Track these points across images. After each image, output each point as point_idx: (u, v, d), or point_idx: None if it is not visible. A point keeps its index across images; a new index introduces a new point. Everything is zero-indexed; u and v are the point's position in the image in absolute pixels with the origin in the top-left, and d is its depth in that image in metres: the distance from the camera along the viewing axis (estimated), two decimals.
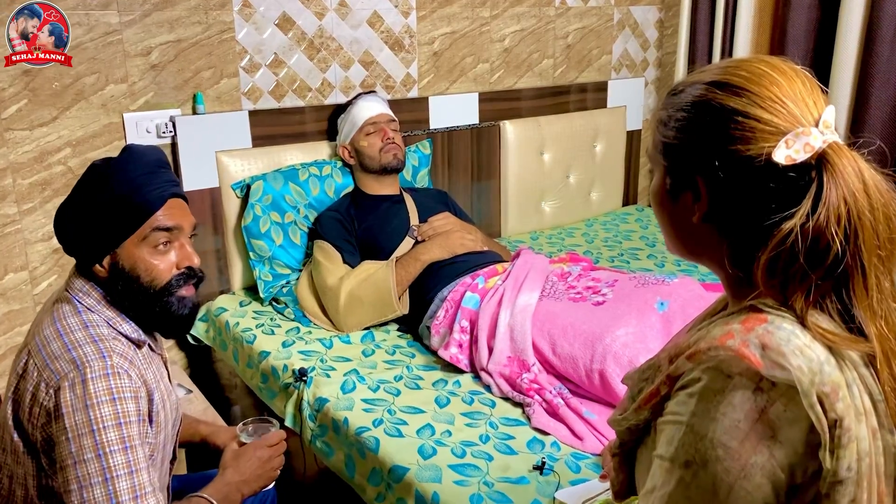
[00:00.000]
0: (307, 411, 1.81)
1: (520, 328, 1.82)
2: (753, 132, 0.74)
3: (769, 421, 0.67)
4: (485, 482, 1.44)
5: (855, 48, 2.63)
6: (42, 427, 1.16)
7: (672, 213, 0.84)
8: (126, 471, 1.13)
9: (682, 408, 0.74)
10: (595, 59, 3.27)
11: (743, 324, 0.72)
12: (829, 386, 0.68)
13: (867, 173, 0.73)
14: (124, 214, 1.24)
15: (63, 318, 1.22)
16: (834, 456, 0.67)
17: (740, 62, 0.79)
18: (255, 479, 1.39)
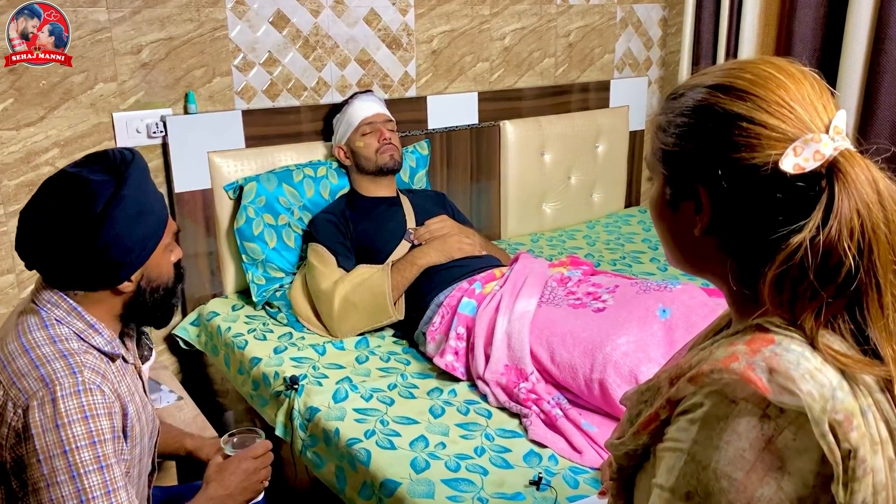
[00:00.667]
0: (298, 420, 1.76)
1: (517, 335, 1.77)
2: (759, 139, 0.69)
3: (777, 451, 0.63)
4: (479, 498, 1.38)
5: (863, 47, 2.58)
6: (11, 448, 1.11)
7: (672, 224, 0.79)
8: (102, 491, 1.09)
9: (683, 434, 0.69)
10: (597, 58, 3.21)
11: (748, 345, 0.67)
12: (843, 413, 0.63)
13: (882, 183, 0.68)
14: (158, 223, 1.23)
15: (28, 332, 1.16)
16: (848, 490, 0.62)
17: (745, 64, 0.74)
18: (240, 493, 1.35)
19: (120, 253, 1.17)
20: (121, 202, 1.15)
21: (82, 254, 1.14)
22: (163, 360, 2.38)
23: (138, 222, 1.18)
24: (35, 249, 1.17)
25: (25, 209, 1.18)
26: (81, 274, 1.17)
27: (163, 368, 2.27)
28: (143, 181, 1.21)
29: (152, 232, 1.22)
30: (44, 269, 1.19)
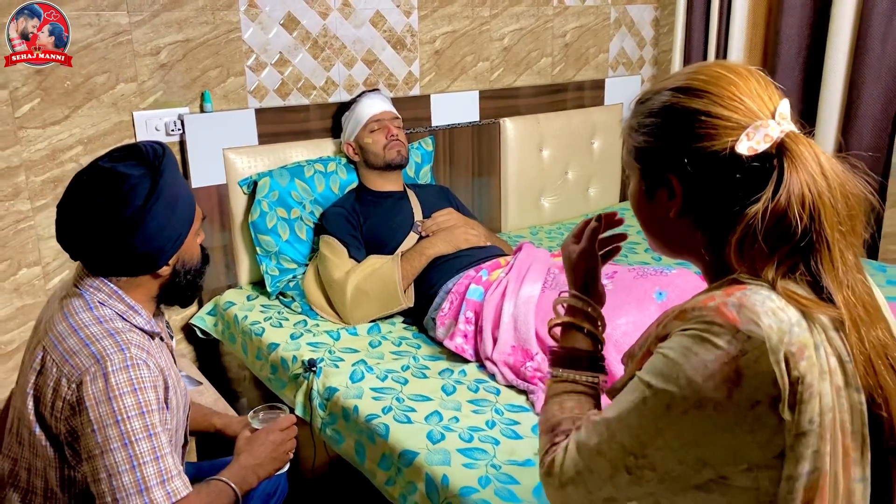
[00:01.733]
0: (317, 400, 1.86)
1: (523, 318, 1.88)
2: (717, 129, 0.81)
3: (738, 367, 0.74)
4: (492, 465, 1.49)
5: (847, 45, 2.69)
6: (66, 420, 1.20)
7: (651, 213, 0.92)
8: (152, 457, 1.18)
9: (669, 343, 0.81)
10: (592, 58, 3.33)
11: (724, 291, 0.80)
12: (797, 345, 0.74)
13: (823, 157, 0.80)
14: (189, 211, 1.33)
15: (75, 314, 1.25)
16: (796, 410, 0.73)
17: (700, 67, 0.87)
18: (269, 462, 1.44)
19: (161, 242, 1.27)
20: (160, 195, 1.24)
21: (126, 245, 1.23)
22: (181, 348, 2.47)
23: (174, 212, 1.28)
24: (79, 242, 1.25)
25: (64, 203, 1.26)
26: (126, 263, 1.27)
27: (181, 356, 2.37)
28: (175, 173, 1.30)
29: (186, 220, 1.32)
30: (88, 260, 1.28)
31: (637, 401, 0.81)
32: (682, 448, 0.78)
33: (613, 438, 0.83)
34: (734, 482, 0.79)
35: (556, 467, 0.90)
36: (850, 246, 0.81)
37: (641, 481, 0.82)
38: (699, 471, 0.79)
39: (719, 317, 0.76)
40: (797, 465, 0.74)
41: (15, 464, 1.30)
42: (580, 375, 0.99)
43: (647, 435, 0.80)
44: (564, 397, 0.98)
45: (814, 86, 2.85)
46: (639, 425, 0.80)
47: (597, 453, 0.85)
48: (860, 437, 0.77)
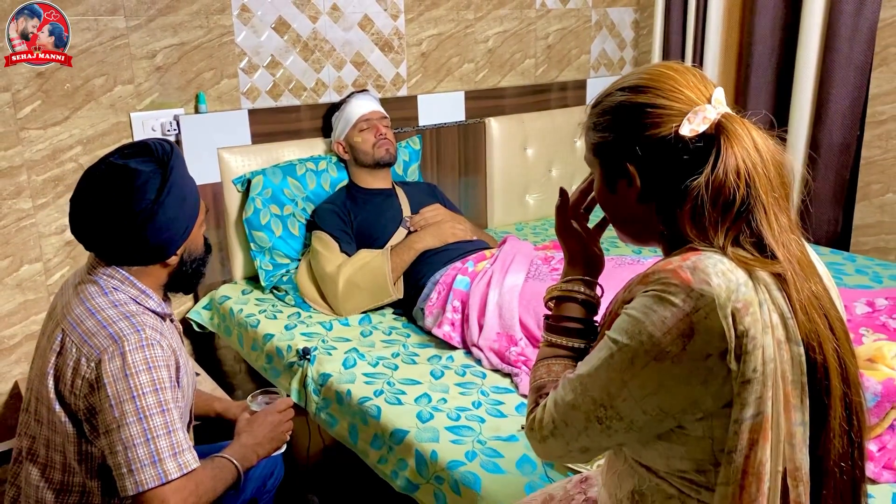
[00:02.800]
0: (311, 386, 1.95)
1: (507, 306, 1.97)
2: (662, 118, 0.92)
3: (691, 322, 0.83)
4: (478, 440, 1.58)
5: (816, 45, 2.80)
6: (85, 397, 1.28)
7: (615, 204, 1.02)
8: (165, 431, 1.26)
9: (633, 304, 0.90)
10: (574, 59, 3.43)
11: (681, 257, 0.89)
12: (742, 303, 0.84)
13: (755, 133, 0.91)
14: (195, 204, 1.41)
15: (91, 299, 1.34)
16: (741, 360, 0.83)
17: (645, 68, 0.98)
18: (268, 442, 1.52)
19: (171, 234, 1.35)
20: (170, 190, 1.32)
21: (139, 237, 1.32)
22: None
23: (183, 206, 1.37)
24: (93, 234, 1.34)
25: (78, 197, 1.34)
26: (138, 253, 1.35)
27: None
28: (183, 169, 1.39)
29: (193, 212, 1.41)
30: (102, 251, 1.36)
31: (605, 357, 0.90)
32: (644, 398, 0.87)
33: (586, 392, 0.92)
34: (691, 432, 0.88)
35: (536, 422, 0.99)
36: (783, 209, 0.91)
37: (611, 431, 0.91)
38: (661, 420, 0.88)
39: (675, 278, 0.86)
40: (742, 409, 0.84)
41: (33, 441, 1.38)
42: (569, 341, 1.08)
43: (615, 387, 0.89)
44: (553, 361, 1.07)
45: (786, 84, 2.96)
46: (607, 378, 0.89)
47: (571, 407, 0.94)
48: (799, 385, 0.86)
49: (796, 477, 0.86)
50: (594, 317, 1.12)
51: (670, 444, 0.90)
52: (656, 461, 0.94)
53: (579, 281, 1.11)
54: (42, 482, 1.37)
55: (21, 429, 1.42)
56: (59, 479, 1.36)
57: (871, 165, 2.81)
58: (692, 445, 0.89)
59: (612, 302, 0.99)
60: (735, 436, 0.84)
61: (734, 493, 0.85)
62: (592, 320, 1.11)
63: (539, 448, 1.01)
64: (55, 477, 1.36)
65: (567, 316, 1.10)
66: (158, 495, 1.24)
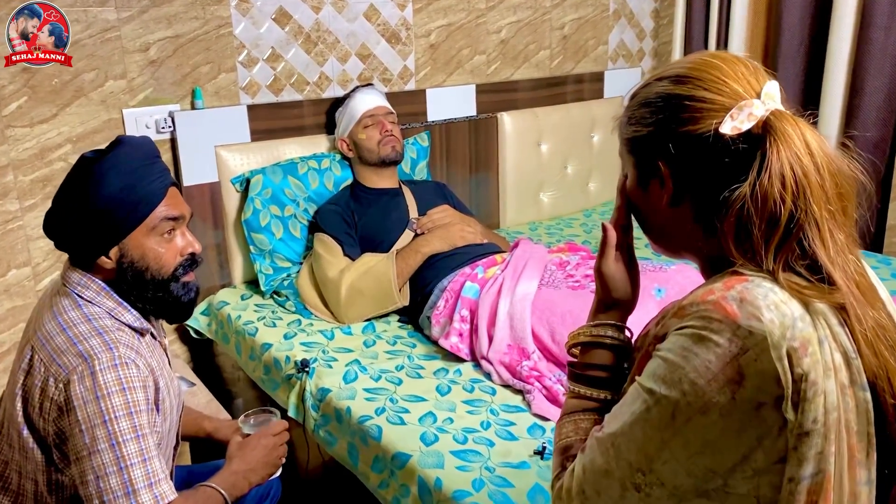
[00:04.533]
0: (310, 401, 1.83)
1: (519, 316, 1.84)
2: (701, 112, 0.80)
3: (739, 366, 0.71)
4: (486, 467, 1.46)
5: (849, 34, 2.65)
6: (54, 421, 1.18)
7: (647, 206, 0.90)
8: (139, 458, 1.15)
9: (668, 344, 0.77)
10: (591, 50, 3.28)
11: (724, 284, 0.76)
12: (799, 341, 0.71)
13: (809, 135, 0.77)
14: (130, 206, 1.24)
15: (64, 312, 1.23)
16: (799, 409, 0.70)
17: (688, 57, 0.86)
18: (261, 468, 1.41)
19: (92, 221, 1.22)
20: (101, 174, 1.21)
21: (65, 217, 1.23)
22: (174, 349, 2.45)
23: (116, 197, 1.22)
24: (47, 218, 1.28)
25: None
26: (72, 242, 1.25)
27: (174, 357, 2.35)
28: (131, 156, 1.25)
29: (132, 208, 1.24)
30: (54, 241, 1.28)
31: (640, 411, 0.77)
32: (689, 459, 0.74)
33: (620, 456, 0.79)
34: (734, 489, 0.75)
35: (564, 492, 0.85)
36: (839, 226, 0.78)
37: (651, 499, 0.78)
38: (708, 481, 0.75)
39: (719, 312, 0.73)
40: (800, 466, 0.71)
41: (6, 466, 1.28)
42: (599, 393, 0.94)
43: (654, 447, 0.76)
44: (580, 416, 0.93)
45: (816, 77, 2.80)
46: (644, 437, 0.76)
47: (604, 474, 0.80)
48: (866, 437, 0.73)
49: None
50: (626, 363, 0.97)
51: (709, 501, 0.78)
52: None
53: (610, 325, 0.97)
54: None
55: None
56: None
57: None
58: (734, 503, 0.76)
59: (642, 336, 0.86)
60: (790, 496, 0.72)
61: None
62: (623, 367, 0.96)
63: None
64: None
65: (595, 364, 0.95)
66: None
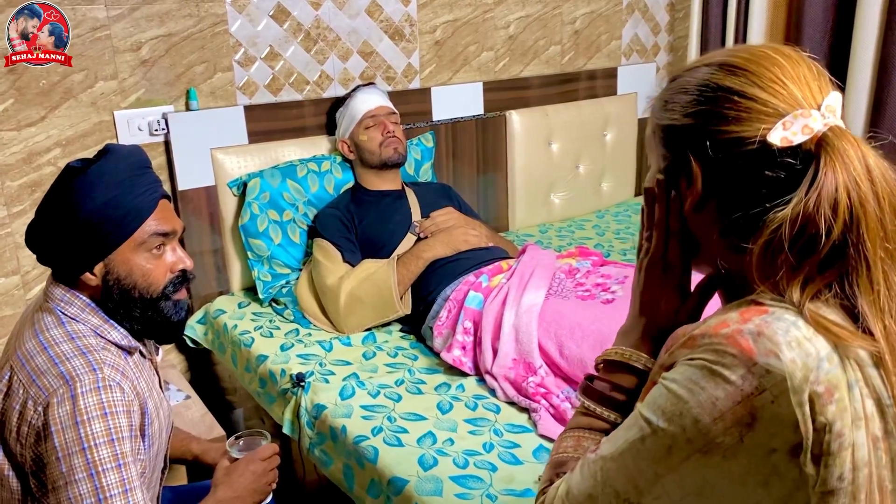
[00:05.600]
0: (305, 418, 1.74)
1: (525, 329, 1.74)
2: (749, 112, 0.70)
3: (752, 408, 0.62)
4: (488, 495, 1.36)
5: (875, 29, 2.52)
6: (31, 447, 1.10)
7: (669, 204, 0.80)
8: (119, 490, 1.08)
9: (674, 374, 0.69)
10: (604, 45, 3.17)
11: (741, 314, 0.67)
12: (825, 385, 0.62)
13: (872, 160, 0.67)
14: (116, 220, 1.17)
15: (45, 330, 1.16)
16: (822, 463, 0.62)
17: (746, 46, 0.76)
18: (249, 495, 1.33)
19: (77, 236, 1.15)
20: (88, 186, 1.14)
21: (48, 231, 1.17)
22: (170, 358, 2.37)
23: (102, 210, 1.15)
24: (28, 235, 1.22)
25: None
26: (48, 252, 1.19)
27: (171, 367, 2.27)
28: (118, 168, 1.18)
29: (119, 222, 1.17)
30: (36, 254, 1.22)
31: (634, 439, 0.69)
32: (683, 499, 0.67)
33: (607, 482, 0.72)
34: None
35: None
36: (895, 267, 0.67)
37: None
38: None
39: (733, 346, 0.64)
40: None
41: None
42: (611, 414, 0.85)
43: (645, 480, 0.68)
44: (584, 434, 0.85)
45: (840, 72, 2.68)
46: (635, 468, 0.69)
47: (588, 498, 0.73)
48: None
49: None
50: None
51: None
52: None
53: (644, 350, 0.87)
54: None
55: None
56: None
57: None
58: None
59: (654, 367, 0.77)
60: None
61: None
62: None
63: None
64: None
65: (614, 383, 0.86)
66: None
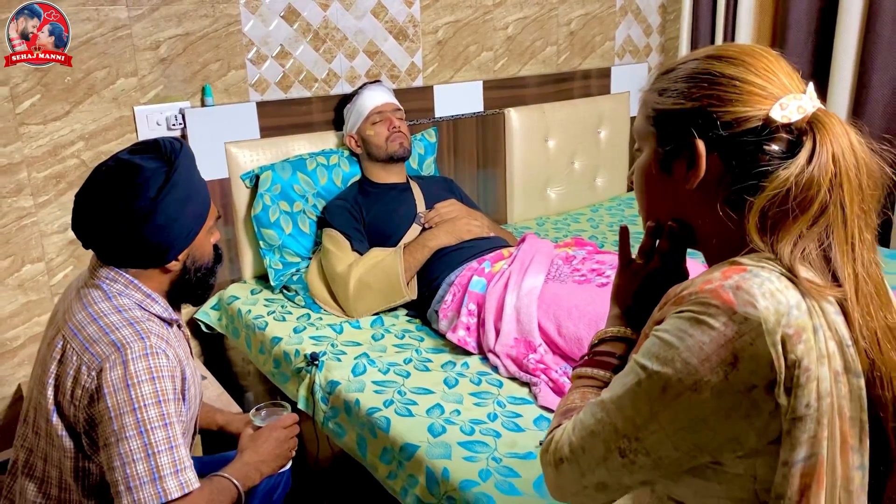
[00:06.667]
0: (319, 394, 1.86)
1: (526, 310, 1.86)
2: (750, 95, 0.81)
3: (734, 350, 0.73)
4: (493, 458, 1.48)
5: (856, 30, 2.65)
6: (84, 408, 1.21)
7: (664, 187, 0.89)
8: (166, 446, 1.18)
9: (665, 326, 0.80)
10: (598, 46, 3.29)
11: (722, 273, 0.78)
12: (794, 328, 0.73)
13: (853, 136, 0.80)
14: (200, 212, 1.32)
15: (94, 304, 1.27)
16: (792, 394, 0.72)
17: (731, 44, 0.87)
18: (272, 459, 1.44)
19: (170, 235, 1.27)
20: (172, 188, 1.25)
21: (136, 236, 1.25)
22: None
23: (186, 207, 1.28)
24: (92, 231, 1.27)
25: (82, 192, 1.28)
26: (135, 254, 1.28)
27: None
28: (190, 168, 1.31)
29: (198, 216, 1.32)
30: (100, 249, 1.30)
31: (632, 383, 0.80)
32: (677, 433, 0.77)
33: (608, 419, 0.82)
34: (730, 469, 0.77)
35: (552, 444, 0.89)
36: (869, 226, 0.80)
37: (634, 467, 0.81)
38: (695, 457, 0.78)
39: (715, 298, 0.75)
40: (793, 450, 0.73)
41: (30, 454, 1.31)
42: (608, 375, 0.96)
43: (642, 418, 0.79)
44: (588, 389, 0.97)
45: (823, 72, 2.80)
46: (633, 408, 0.79)
47: (591, 433, 0.84)
48: (858, 423, 0.75)
49: None
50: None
51: (706, 481, 0.80)
52: (689, 497, 0.83)
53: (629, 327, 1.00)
54: (39, 497, 1.31)
55: (18, 440, 1.36)
56: (56, 496, 1.30)
57: None
58: (731, 484, 0.78)
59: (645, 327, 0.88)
60: (785, 480, 0.73)
61: None
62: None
63: (551, 475, 0.90)
64: (52, 493, 1.30)
65: (609, 352, 0.98)
66: None
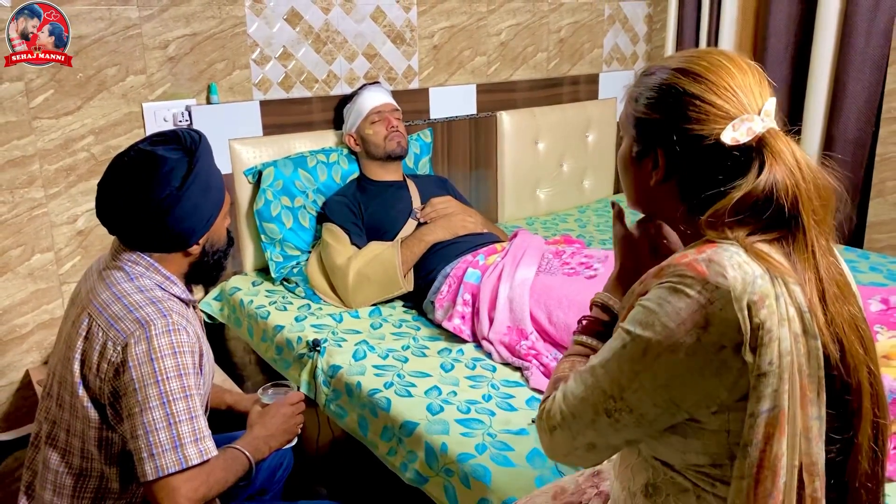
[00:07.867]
0: (321, 378, 1.95)
1: (518, 300, 1.96)
2: (707, 115, 0.90)
3: (706, 314, 0.83)
4: (489, 433, 1.57)
5: (832, 40, 2.78)
6: (110, 381, 1.29)
7: (636, 175, 1.01)
8: (187, 416, 1.27)
9: (648, 295, 0.89)
10: (587, 53, 3.41)
11: (696, 249, 0.89)
12: (758, 295, 0.83)
13: (798, 153, 0.89)
14: (218, 199, 1.41)
15: (117, 284, 1.35)
16: (757, 353, 0.82)
17: (703, 53, 0.94)
18: (280, 434, 1.52)
19: (193, 222, 1.36)
20: (195, 178, 1.33)
21: (162, 224, 1.33)
22: None
23: (207, 195, 1.37)
24: (117, 218, 1.36)
25: (105, 182, 1.35)
26: (160, 240, 1.37)
27: None
28: (209, 160, 1.41)
29: (216, 203, 1.41)
30: (125, 235, 1.38)
31: (618, 347, 0.89)
32: (655, 390, 0.86)
33: (596, 384, 0.91)
34: (706, 425, 0.87)
35: (545, 412, 0.98)
36: (822, 232, 0.90)
37: (619, 425, 0.90)
38: (673, 414, 0.87)
39: (690, 270, 0.85)
40: (758, 402, 0.83)
41: (54, 426, 1.39)
42: (596, 343, 1.06)
43: (626, 378, 0.88)
44: (578, 358, 1.06)
45: (801, 80, 2.93)
46: (618, 369, 0.89)
47: (581, 399, 0.93)
48: (816, 380, 0.85)
49: (812, 471, 0.85)
50: None
51: (686, 438, 0.90)
52: (671, 456, 0.93)
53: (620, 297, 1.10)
54: (62, 466, 1.38)
55: (41, 414, 1.43)
56: (78, 465, 1.37)
57: (885, 162, 2.78)
58: (708, 439, 0.88)
59: (628, 295, 0.98)
60: (750, 429, 0.83)
61: (749, 486, 0.84)
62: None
63: (545, 440, 1.00)
64: (74, 462, 1.37)
65: (599, 319, 1.09)
66: (170, 482, 1.24)
